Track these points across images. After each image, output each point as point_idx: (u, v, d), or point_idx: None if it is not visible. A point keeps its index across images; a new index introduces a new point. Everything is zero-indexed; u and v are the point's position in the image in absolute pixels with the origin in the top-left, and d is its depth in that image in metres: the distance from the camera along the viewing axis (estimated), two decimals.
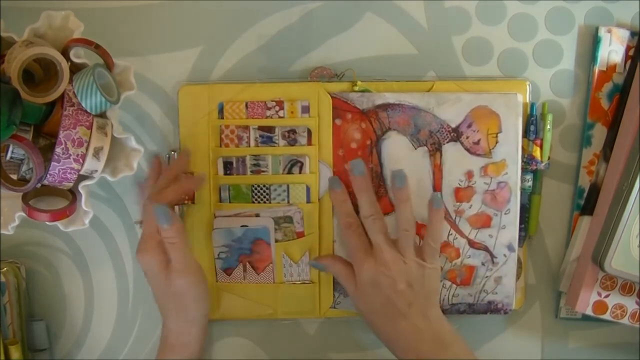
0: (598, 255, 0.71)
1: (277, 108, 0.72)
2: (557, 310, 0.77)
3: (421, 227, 0.72)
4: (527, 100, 0.74)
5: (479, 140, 0.72)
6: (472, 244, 0.74)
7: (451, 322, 0.70)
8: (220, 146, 0.73)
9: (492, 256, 0.74)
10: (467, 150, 0.72)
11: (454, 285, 0.75)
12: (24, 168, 0.66)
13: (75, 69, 0.65)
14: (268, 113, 0.72)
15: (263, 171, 0.73)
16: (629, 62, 0.74)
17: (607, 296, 0.73)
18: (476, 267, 0.74)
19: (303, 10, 0.74)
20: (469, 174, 0.73)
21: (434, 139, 0.72)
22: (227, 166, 0.73)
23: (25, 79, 0.62)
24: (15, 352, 0.70)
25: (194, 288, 0.68)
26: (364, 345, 0.77)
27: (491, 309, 0.75)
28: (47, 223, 0.66)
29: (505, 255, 0.74)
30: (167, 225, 0.64)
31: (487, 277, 0.74)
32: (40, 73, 0.66)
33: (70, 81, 0.64)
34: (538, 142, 0.73)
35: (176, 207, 0.73)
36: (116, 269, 0.75)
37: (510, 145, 0.72)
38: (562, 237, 0.76)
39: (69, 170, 0.64)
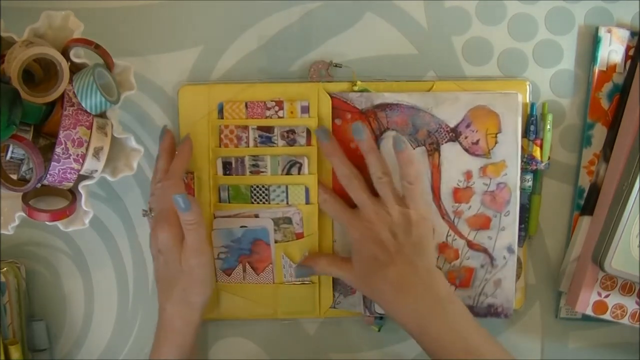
0: (598, 255, 0.71)
1: (276, 108, 0.72)
2: (557, 310, 0.77)
3: None
4: (527, 100, 0.74)
5: (478, 141, 0.72)
6: (471, 245, 0.74)
7: None
8: (220, 146, 0.73)
9: (492, 258, 0.74)
10: (466, 150, 0.72)
11: (453, 287, 0.74)
12: (24, 168, 0.66)
13: (75, 69, 0.65)
14: (267, 113, 0.72)
15: (262, 172, 0.72)
16: (629, 62, 0.74)
17: (607, 296, 0.73)
18: (475, 269, 0.74)
19: (303, 10, 0.74)
20: (468, 175, 0.73)
21: (432, 139, 0.72)
22: (226, 166, 0.73)
23: (25, 79, 0.62)
24: (15, 352, 0.70)
25: (204, 270, 0.69)
26: (364, 346, 0.77)
27: (491, 312, 0.74)
28: (47, 223, 0.66)
29: (504, 258, 0.74)
30: (186, 211, 0.66)
31: (486, 279, 0.74)
32: (40, 73, 0.66)
33: (70, 81, 0.64)
34: (538, 142, 0.73)
35: None
36: (116, 269, 0.76)
37: (509, 146, 0.72)
38: (562, 237, 0.76)
39: (69, 170, 0.64)
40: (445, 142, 0.72)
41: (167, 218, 0.67)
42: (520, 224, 0.74)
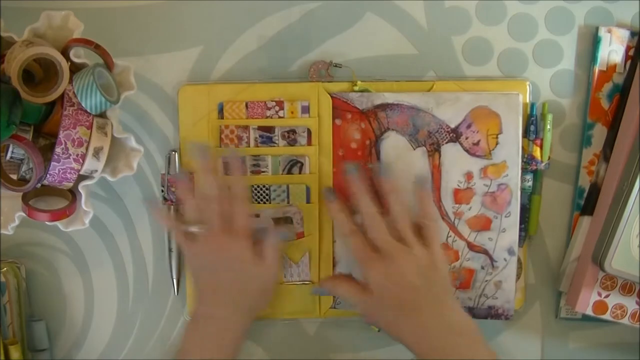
0: (598, 255, 0.71)
1: (277, 108, 0.72)
2: (557, 310, 0.77)
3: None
4: (527, 100, 0.74)
5: (478, 141, 0.72)
6: (471, 246, 0.74)
7: None
8: (220, 146, 0.73)
9: (492, 260, 0.74)
10: (467, 151, 0.72)
11: (453, 289, 0.74)
12: (24, 168, 0.66)
13: (75, 69, 0.65)
14: (268, 113, 0.72)
15: (263, 171, 0.72)
16: (629, 62, 0.74)
17: (607, 296, 0.73)
18: (476, 271, 0.74)
19: (303, 10, 0.74)
20: (469, 175, 0.73)
21: (432, 140, 0.72)
22: (227, 167, 0.73)
23: (25, 79, 0.62)
24: (15, 352, 0.70)
25: (273, 284, 0.71)
26: (364, 346, 0.77)
27: (492, 314, 0.75)
28: (47, 223, 0.66)
29: (505, 260, 0.74)
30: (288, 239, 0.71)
31: (486, 281, 0.74)
32: (40, 73, 0.66)
33: (70, 81, 0.64)
34: (538, 142, 0.73)
35: (172, 208, 0.73)
36: (116, 269, 0.75)
37: (511, 147, 0.72)
38: (562, 237, 0.76)
39: (69, 170, 0.64)
40: (446, 143, 0.72)
41: (244, 234, 0.68)
42: (520, 224, 0.74)
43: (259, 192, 0.73)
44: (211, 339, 0.68)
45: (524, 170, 0.74)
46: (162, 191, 0.73)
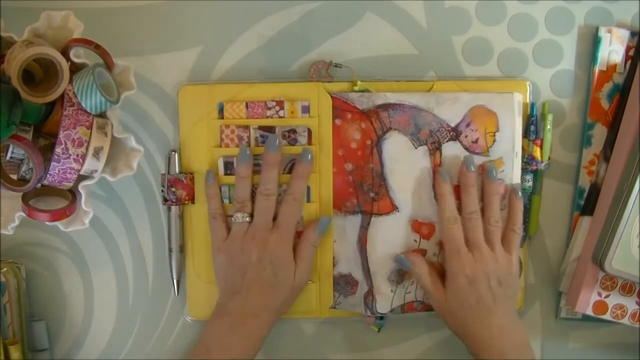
0: (598, 255, 0.71)
1: (277, 108, 0.72)
2: (557, 310, 0.77)
3: (421, 225, 0.72)
4: (527, 100, 0.74)
5: (477, 139, 0.72)
6: None
7: None
8: (221, 146, 0.73)
9: None
10: (466, 149, 0.72)
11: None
12: (24, 168, 0.66)
13: (75, 69, 0.65)
14: (268, 113, 0.72)
15: None
16: (629, 62, 0.74)
17: (607, 296, 0.73)
18: None
19: (303, 10, 0.74)
20: None
21: (434, 139, 0.72)
22: (228, 166, 0.73)
23: (25, 79, 0.62)
24: (15, 352, 0.70)
25: (303, 286, 0.72)
26: (364, 346, 0.77)
27: None
28: (47, 223, 0.66)
29: None
30: (323, 234, 0.72)
31: None
32: (40, 73, 0.66)
33: (70, 81, 0.64)
34: (538, 142, 0.73)
35: (174, 207, 0.73)
36: (116, 269, 0.75)
37: (506, 144, 0.72)
38: (562, 237, 0.76)
39: (69, 170, 0.64)
40: (447, 142, 0.72)
41: (289, 234, 0.70)
42: None
43: None
44: (238, 338, 0.68)
45: (524, 171, 0.74)
46: (162, 191, 0.73)
